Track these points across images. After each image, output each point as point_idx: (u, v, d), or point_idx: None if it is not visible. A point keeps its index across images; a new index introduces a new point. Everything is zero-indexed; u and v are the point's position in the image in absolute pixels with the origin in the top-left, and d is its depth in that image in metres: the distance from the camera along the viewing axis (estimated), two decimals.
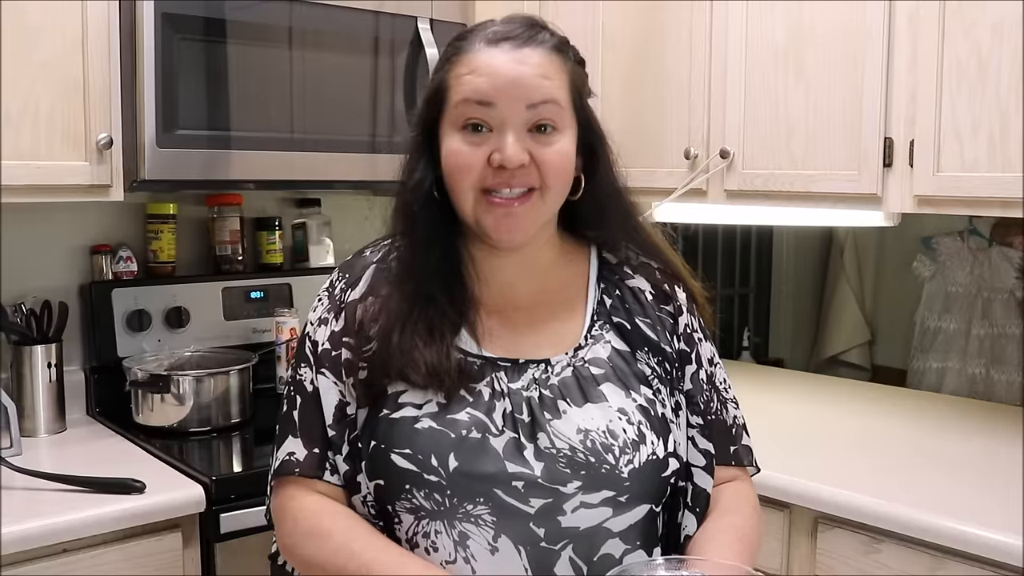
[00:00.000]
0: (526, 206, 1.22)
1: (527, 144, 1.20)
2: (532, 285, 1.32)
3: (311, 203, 2.76)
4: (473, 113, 1.20)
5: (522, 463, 1.19)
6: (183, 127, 2.09)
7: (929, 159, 2.03)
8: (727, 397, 1.38)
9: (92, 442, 2.20)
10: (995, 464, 2.03)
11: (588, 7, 2.61)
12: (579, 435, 1.21)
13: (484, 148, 1.20)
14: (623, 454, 1.21)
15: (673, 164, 2.48)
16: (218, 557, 1.90)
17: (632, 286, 1.34)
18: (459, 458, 1.18)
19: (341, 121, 2.32)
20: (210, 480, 1.90)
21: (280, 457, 1.28)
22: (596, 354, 1.29)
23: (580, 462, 1.20)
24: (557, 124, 1.22)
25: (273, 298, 2.61)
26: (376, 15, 2.34)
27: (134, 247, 2.48)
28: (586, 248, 1.38)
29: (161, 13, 2.03)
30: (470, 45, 1.23)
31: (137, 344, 2.41)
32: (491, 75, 1.20)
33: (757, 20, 2.31)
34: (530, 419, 1.22)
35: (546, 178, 1.22)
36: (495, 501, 1.18)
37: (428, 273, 1.26)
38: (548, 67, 1.22)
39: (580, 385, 1.25)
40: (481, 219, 1.23)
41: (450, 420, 1.20)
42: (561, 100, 1.23)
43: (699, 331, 1.37)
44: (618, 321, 1.32)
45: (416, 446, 1.19)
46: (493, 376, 1.25)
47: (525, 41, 1.22)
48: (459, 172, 1.22)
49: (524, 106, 1.20)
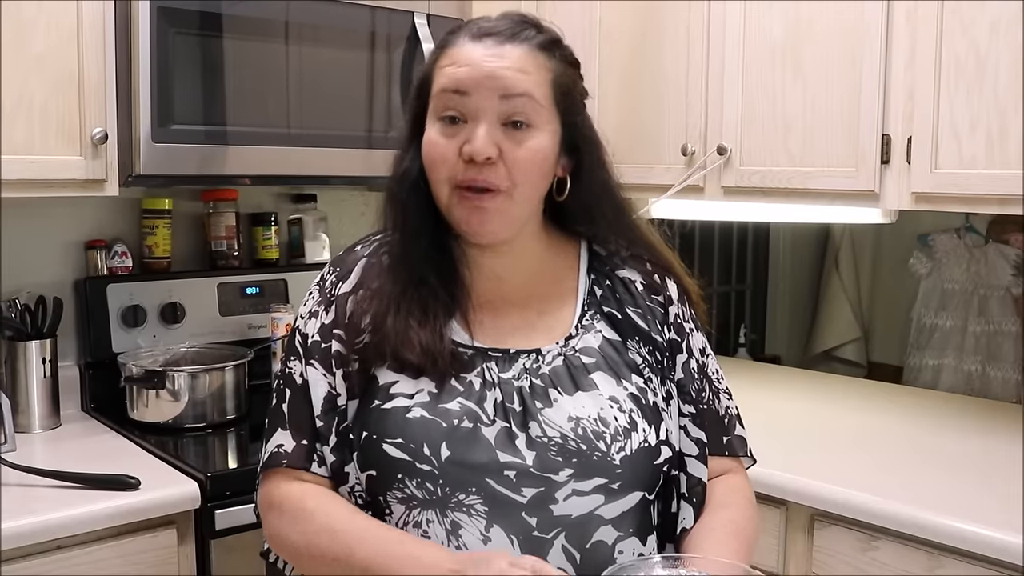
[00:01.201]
0: (495, 203, 1.23)
1: (498, 138, 1.21)
2: (521, 278, 1.33)
3: (307, 198, 2.75)
4: (449, 102, 1.22)
5: (514, 452, 1.20)
6: (178, 122, 2.08)
7: (927, 156, 2.03)
8: (719, 387, 1.38)
9: (87, 438, 2.20)
10: (991, 461, 2.03)
11: (585, 4, 2.60)
12: (570, 423, 1.21)
13: (457, 139, 1.22)
14: (614, 441, 1.21)
15: (670, 160, 2.48)
16: (213, 554, 1.89)
17: (622, 276, 1.35)
18: (451, 447, 1.19)
19: (337, 116, 2.31)
20: (205, 476, 1.89)
21: (269, 450, 1.29)
22: (587, 343, 1.29)
23: (571, 450, 1.20)
24: (531, 120, 1.22)
25: (269, 294, 2.61)
26: (373, 10, 2.33)
27: (129, 242, 2.48)
28: (576, 241, 1.38)
29: (156, 7, 2.02)
30: (456, 39, 1.25)
31: (132, 340, 2.40)
32: (469, 66, 1.22)
33: (755, 17, 2.30)
34: (521, 408, 1.22)
35: (514, 176, 1.22)
36: (487, 490, 1.18)
37: (421, 263, 1.27)
38: (527, 63, 1.23)
39: (571, 374, 1.26)
40: (453, 212, 1.24)
41: (442, 409, 1.21)
42: (538, 96, 1.23)
43: (690, 322, 1.38)
44: (608, 311, 1.33)
45: (408, 435, 1.20)
46: (484, 366, 1.25)
47: (508, 38, 1.23)
48: (433, 164, 1.24)
49: (497, 96, 1.20)
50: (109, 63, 2.03)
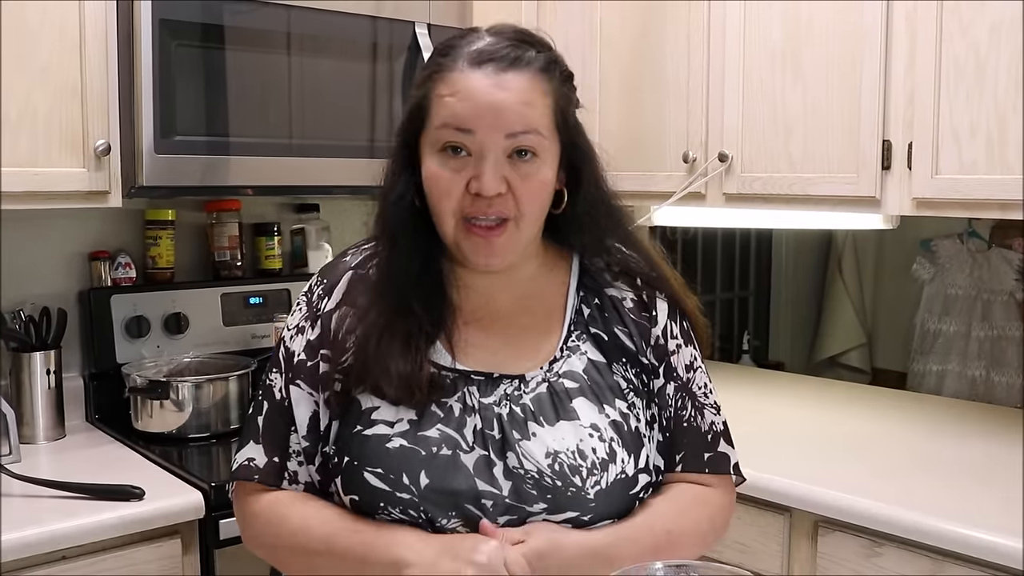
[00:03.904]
0: (504, 236, 1.22)
1: (505, 171, 1.20)
2: (511, 296, 1.32)
3: (310, 208, 2.75)
4: (452, 138, 1.20)
5: (491, 481, 1.20)
6: (181, 133, 2.09)
7: (927, 161, 2.03)
8: (704, 403, 1.35)
9: (91, 449, 2.20)
10: (995, 467, 2.03)
11: (586, 7, 2.60)
12: (547, 459, 1.21)
13: (463, 174, 1.20)
14: (590, 475, 1.21)
15: (672, 168, 2.48)
16: (217, 564, 1.89)
17: (611, 295, 1.34)
18: (430, 475, 1.19)
19: (339, 126, 2.32)
20: (209, 487, 1.90)
21: (239, 460, 1.30)
22: (571, 367, 1.29)
23: (547, 486, 1.20)
24: (537, 151, 1.21)
25: (272, 304, 2.61)
26: (374, 20, 2.33)
27: (133, 253, 2.48)
28: (568, 255, 1.37)
29: (158, 19, 2.02)
30: (453, 63, 1.21)
31: (136, 350, 2.41)
32: (471, 100, 1.19)
33: (755, 19, 2.31)
34: (500, 436, 1.22)
35: (521, 206, 1.22)
36: (467, 515, 1.19)
37: (407, 286, 1.27)
38: (531, 93, 1.20)
39: (553, 402, 1.25)
40: (461, 244, 1.24)
41: (421, 437, 1.21)
42: (542, 128, 1.21)
43: (679, 337, 1.35)
44: (595, 332, 1.32)
45: (387, 465, 1.20)
46: (465, 390, 1.25)
47: (510, 63, 1.20)
48: (439, 197, 1.22)
49: (503, 135, 1.19)
50: (112, 75, 2.04)
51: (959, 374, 3.97)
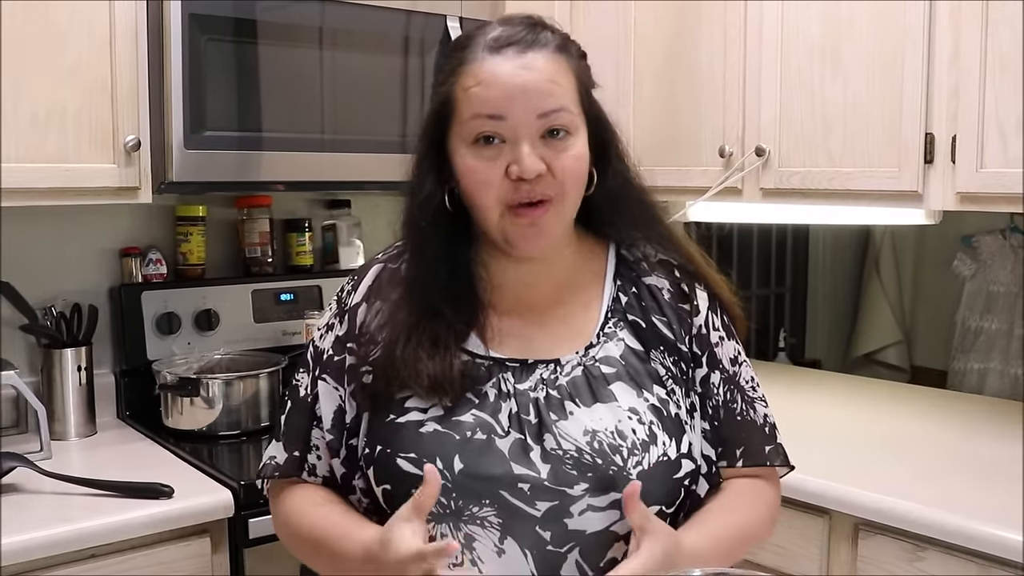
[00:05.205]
0: (548, 215, 1.21)
1: (541, 152, 1.19)
2: (548, 285, 1.31)
3: (341, 204, 2.74)
4: (485, 127, 1.19)
5: (528, 465, 1.18)
6: (211, 128, 2.08)
7: (972, 155, 1.98)
8: (753, 396, 1.34)
9: (122, 446, 2.20)
10: None
11: (620, 6, 2.57)
12: (586, 436, 1.19)
13: (500, 162, 1.19)
14: (631, 455, 1.19)
15: (707, 163, 2.45)
16: (247, 563, 1.88)
17: (649, 284, 1.32)
18: (464, 460, 1.18)
19: (371, 121, 2.30)
20: (239, 485, 1.89)
21: (264, 459, 1.34)
22: (608, 352, 1.27)
23: (587, 464, 1.18)
24: (569, 129, 1.21)
25: (303, 300, 2.60)
26: (406, 14, 2.32)
27: (163, 249, 2.48)
28: (604, 245, 1.36)
29: (188, 14, 2.02)
30: (472, 54, 1.21)
31: (167, 347, 2.41)
32: (499, 86, 1.18)
33: (793, 16, 2.27)
34: (537, 420, 1.21)
35: (564, 184, 1.21)
36: (501, 503, 1.17)
37: (436, 288, 1.26)
38: (555, 71, 1.20)
39: (590, 384, 1.24)
40: (508, 232, 1.22)
41: (455, 422, 1.20)
42: (571, 105, 1.21)
43: (720, 330, 1.33)
44: (633, 319, 1.30)
45: (421, 450, 1.19)
46: (500, 377, 1.24)
47: (529, 45, 1.20)
48: (479, 189, 1.21)
49: (535, 116, 1.18)
50: (142, 70, 2.03)
51: (1001, 372, 3.91)
